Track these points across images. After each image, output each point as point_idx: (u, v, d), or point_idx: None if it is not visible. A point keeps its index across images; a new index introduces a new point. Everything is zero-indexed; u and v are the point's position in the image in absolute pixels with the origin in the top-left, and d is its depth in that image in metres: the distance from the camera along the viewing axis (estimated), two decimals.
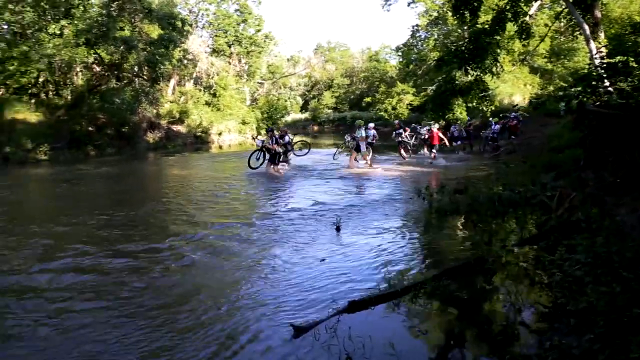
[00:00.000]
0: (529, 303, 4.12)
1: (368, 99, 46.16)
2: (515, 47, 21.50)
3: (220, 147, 28.17)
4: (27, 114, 21.57)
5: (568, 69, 26.68)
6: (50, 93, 24.32)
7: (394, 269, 5.23)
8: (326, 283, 4.82)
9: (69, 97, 23.86)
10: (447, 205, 7.92)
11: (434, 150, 16.91)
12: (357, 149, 15.53)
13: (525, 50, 25.84)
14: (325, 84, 54.42)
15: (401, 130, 18.22)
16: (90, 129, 22.27)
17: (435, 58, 21.56)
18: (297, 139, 21.24)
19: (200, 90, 33.09)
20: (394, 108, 38.60)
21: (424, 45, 37.31)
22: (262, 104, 37.91)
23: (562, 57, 29.55)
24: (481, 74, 14.92)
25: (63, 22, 22.20)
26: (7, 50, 21.62)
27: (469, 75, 15.07)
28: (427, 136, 17.47)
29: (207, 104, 32.14)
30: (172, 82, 31.59)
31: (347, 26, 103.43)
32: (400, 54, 40.42)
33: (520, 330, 3.75)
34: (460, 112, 22.54)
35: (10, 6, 21.23)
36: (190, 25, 32.26)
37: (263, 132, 23.97)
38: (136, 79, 27.94)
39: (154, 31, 26.05)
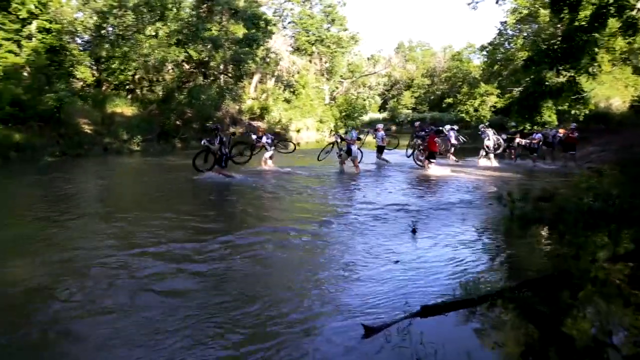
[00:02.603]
0: (621, 326, 3.77)
1: (449, 100, 44.69)
2: (617, 45, 19.67)
3: (298, 143, 28.70)
4: (124, 108, 23.46)
5: None
6: (144, 89, 26.26)
7: (470, 275, 5.03)
8: (399, 285, 4.75)
9: (160, 93, 25.58)
10: (530, 213, 7.47)
11: (432, 161, 14.45)
12: (349, 152, 14.20)
13: (629, 49, 23.61)
14: (405, 84, 53.53)
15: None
16: (178, 123, 23.69)
17: (524, 58, 20.35)
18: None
19: (280, 88, 33.95)
20: (476, 110, 37.03)
21: (511, 44, 35.46)
22: (341, 103, 38.11)
23: None
24: (575, 75, 13.84)
25: (158, 24, 23.87)
26: (111, 51, 23.76)
27: (561, 76, 14.06)
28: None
29: (287, 101, 32.92)
30: (255, 79, 32.68)
31: (430, 25, 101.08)
32: (485, 53, 38.72)
33: (610, 354, 3.44)
34: (549, 115, 21.15)
35: (114, 11, 23.34)
36: (275, 25, 33.18)
37: (341, 130, 24.11)
38: (221, 76, 29.23)
39: (239, 31, 27.10)
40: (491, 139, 16.80)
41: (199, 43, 25.12)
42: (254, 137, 14.51)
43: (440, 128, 17.76)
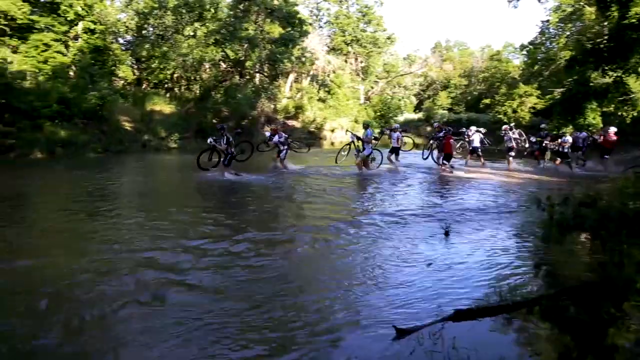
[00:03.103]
0: None
1: (486, 101, 43.63)
2: None
3: (332, 143, 28.72)
4: (163, 105, 24.10)
5: None
6: (182, 88, 26.92)
7: (505, 281, 4.89)
8: (431, 288, 4.68)
9: (198, 92, 26.16)
10: (570, 219, 7.20)
11: (446, 163, 14.16)
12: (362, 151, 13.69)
13: None
14: (442, 84, 52.65)
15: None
16: (214, 121, 24.12)
17: (567, 57, 19.71)
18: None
19: (315, 88, 34.06)
20: (514, 111, 36.04)
21: (554, 44, 34.33)
22: (376, 103, 37.90)
23: None
24: (623, 75, 13.27)
25: (196, 25, 24.40)
26: (151, 50, 24.50)
27: (607, 77, 13.50)
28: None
29: (322, 100, 32.98)
30: (290, 78, 32.91)
31: (468, 24, 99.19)
32: (525, 53, 37.65)
33: None
34: (593, 117, 20.35)
35: (154, 12, 24.08)
36: (310, 25, 33.32)
37: (376, 130, 23.92)
38: (257, 75, 29.58)
39: (275, 30, 27.35)
40: (512, 140, 16.06)
41: (235, 42, 25.52)
42: (267, 134, 14.33)
43: (463, 129, 17.35)
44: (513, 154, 16.02)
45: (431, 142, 16.61)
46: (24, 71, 17.88)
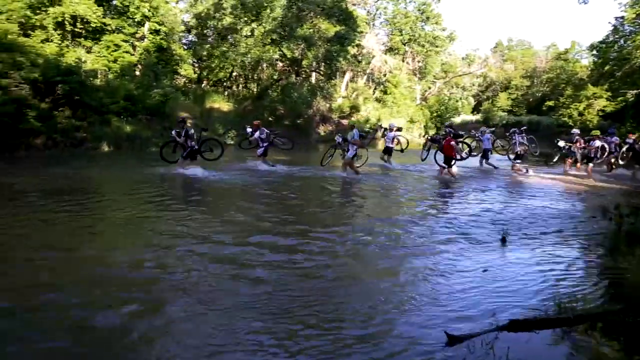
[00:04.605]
0: None
1: (550, 103, 41.60)
2: None
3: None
4: (221, 103, 24.88)
5: None
6: (240, 86, 27.65)
7: (565, 292, 4.61)
8: (486, 295, 4.50)
9: (255, 90, 26.77)
10: None
11: (445, 166, 13.14)
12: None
13: None
14: (502, 85, 50.75)
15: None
16: (270, 119, 24.57)
17: None
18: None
19: (370, 87, 33.87)
20: (580, 114, 34.16)
21: (628, 42, 32.14)
22: (432, 103, 37.16)
23: None
24: None
25: (254, 25, 24.94)
26: (211, 50, 25.36)
27: None
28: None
29: (378, 100, 32.76)
30: (346, 77, 32.93)
31: (532, 22, 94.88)
32: (595, 52, 35.50)
33: None
34: None
35: (214, 14, 24.92)
36: (367, 24, 33.16)
37: (431, 131, 23.48)
38: (313, 74, 29.81)
39: (331, 29, 27.45)
40: (518, 145, 14.92)
41: (292, 42, 25.84)
42: (249, 130, 13.83)
43: (472, 131, 16.53)
44: (520, 160, 14.93)
45: (429, 142, 15.90)
46: (95, 70, 19.15)
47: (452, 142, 13.12)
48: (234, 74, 27.62)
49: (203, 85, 27.48)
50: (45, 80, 15.46)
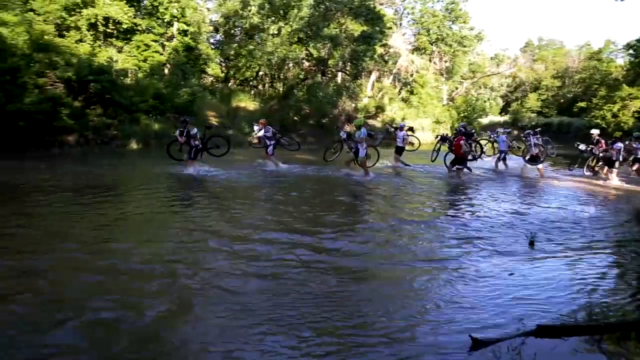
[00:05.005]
0: None
1: (582, 104, 40.37)
2: None
3: (412, 143, 28.20)
4: (248, 102, 25.11)
5: None
6: (266, 85, 27.86)
7: (595, 299, 4.48)
8: (511, 299, 4.41)
9: (281, 90, 26.92)
10: None
11: (459, 167, 12.82)
12: (356, 154, 12.29)
13: None
14: (532, 86, 49.57)
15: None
16: (295, 118, 24.68)
17: None
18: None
19: (396, 87, 33.65)
20: (614, 115, 33.02)
21: None
22: (460, 104, 36.67)
23: None
24: None
25: (280, 24, 25.09)
26: (238, 49, 25.62)
27: None
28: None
29: (404, 100, 32.52)
30: (372, 77, 32.81)
31: (564, 21, 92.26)
32: (632, 51, 34.37)
33: None
34: None
35: (242, 13, 25.18)
36: (394, 23, 32.95)
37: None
38: (339, 74, 29.80)
39: (358, 28, 27.38)
40: (534, 147, 14.26)
41: (318, 41, 25.89)
42: (255, 128, 13.77)
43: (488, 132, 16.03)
44: (540, 162, 14.20)
45: (438, 143, 15.59)
46: (126, 69, 19.63)
47: (462, 141, 12.82)
48: (261, 73, 27.85)
49: (230, 84, 27.81)
50: (78, 79, 15.93)
